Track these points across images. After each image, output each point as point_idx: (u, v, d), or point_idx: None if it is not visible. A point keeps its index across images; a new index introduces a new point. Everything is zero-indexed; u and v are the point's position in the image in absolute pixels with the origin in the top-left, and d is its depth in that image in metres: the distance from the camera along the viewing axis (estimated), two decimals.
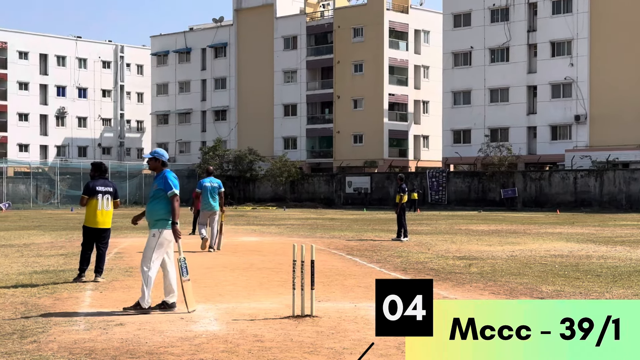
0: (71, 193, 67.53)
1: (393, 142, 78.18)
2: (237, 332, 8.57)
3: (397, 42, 77.91)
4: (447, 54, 71.47)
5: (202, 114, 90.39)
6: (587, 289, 12.24)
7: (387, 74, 76.58)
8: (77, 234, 26.18)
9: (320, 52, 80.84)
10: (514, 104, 67.76)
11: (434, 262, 16.47)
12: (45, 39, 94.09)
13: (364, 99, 77.40)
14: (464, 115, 70.03)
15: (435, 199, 63.17)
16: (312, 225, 33.04)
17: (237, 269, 15.12)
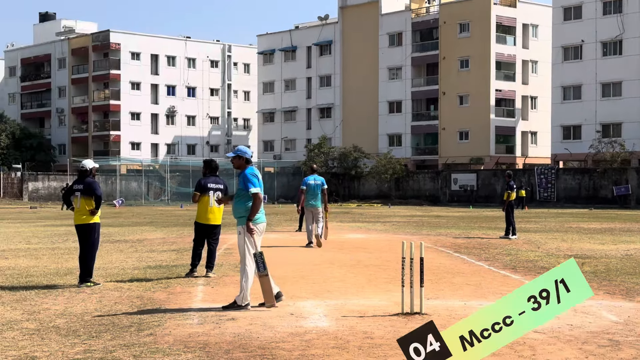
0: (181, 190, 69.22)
1: (500, 138, 76.90)
2: (347, 329, 8.60)
3: (505, 37, 76.58)
4: (556, 48, 69.78)
5: (307, 112, 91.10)
6: None
7: (494, 70, 75.38)
8: (188, 230, 26.82)
9: (425, 48, 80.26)
10: (627, 98, 65.55)
11: (544, 261, 16.13)
12: (156, 40, 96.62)
13: (469, 95, 76.43)
14: (574, 110, 68.23)
15: (543, 197, 61.86)
16: (418, 223, 32.86)
17: (344, 266, 15.17)
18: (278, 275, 13.61)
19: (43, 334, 8.36)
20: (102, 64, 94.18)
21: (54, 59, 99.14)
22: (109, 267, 14.88)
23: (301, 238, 23.28)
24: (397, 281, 11.57)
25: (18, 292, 11.60)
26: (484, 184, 66.12)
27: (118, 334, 8.30)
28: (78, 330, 8.55)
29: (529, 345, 7.78)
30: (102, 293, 11.41)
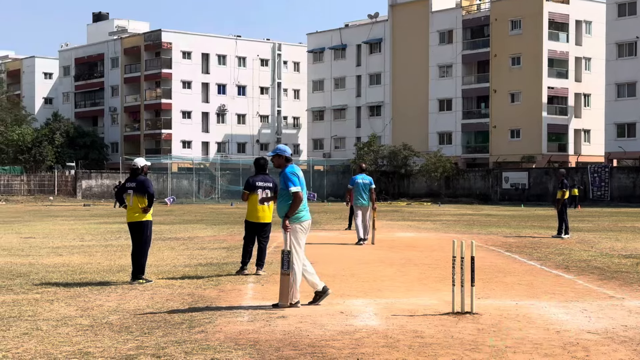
0: (231, 188, 69.69)
1: (552, 136, 75.94)
2: (397, 328, 8.57)
3: (557, 34, 75.60)
4: (610, 44, 68.67)
5: (356, 110, 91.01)
6: None
7: (546, 67, 74.47)
8: (238, 228, 26.98)
9: (476, 46, 79.62)
10: None
11: (597, 261, 15.89)
12: (207, 39, 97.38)
13: (521, 92, 75.61)
14: (628, 108, 67.08)
15: (597, 195, 60.93)
16: (468, 222, 32.61)
17: (394, 264, 15.13)
18: (328, 272, 13.63)
19: (96, 330, 8.48)
20: (153, 63, 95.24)
21: (107, 59, 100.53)
22: (161, 265, 15.04)
23: (351, 236, 23.28)
24: (447, 280, 11.49)
25: (72, 288, 11.79)
26: (536, 182, 65.35)
27: (170, 331, 8.38)
28: (130, 326, 8.66)
29: (582, 346, 7.67)
30: (154, 290, 11.54)
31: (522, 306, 10.08)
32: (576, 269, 14.38)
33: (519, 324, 8.81)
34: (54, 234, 24.47)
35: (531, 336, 8.13)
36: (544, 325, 8.76)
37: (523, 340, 7.95)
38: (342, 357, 7.19)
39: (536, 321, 9.01)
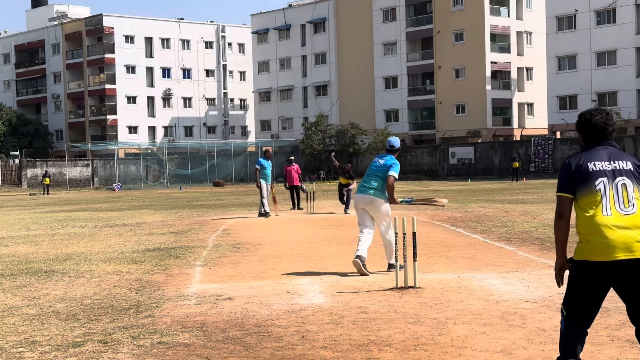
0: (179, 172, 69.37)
1: (496, 110, 76.94)
2: (342, 304, 8.74)
3: (498, 9, 76.42)
4: (550, 18, 69.68)
5: (303, 90, 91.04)
6: None
7: (488, 42, 75.30)
8: (187, 213, 26.98)
9: (419, 23, 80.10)
10: (622, 66, 65.58)
11: (539, 232, 16.28)
12: (150, 23, 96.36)
13: (465, 68, 76.37)
14: (569, 80, 68.25)
15: (541, 167, 61.99)
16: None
17: (341, 243, 15.30)
18: (275, 253, 13.79)
19: (43, 318, 8.50)
20: (96, 48, 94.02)
21: (47, 45, 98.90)
22: (108, 251, 15.02)
23: (298, 217, 23.50)
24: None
25: (18, 278, 11.74)
26: (482, 156, 66.23)
27: (117, 317, 8.44)
28: (77, 314, 8.69)
29: (520, 314, 7.93)
30: (101, 277, 11.55)
31: (464, 279, 10.34)
32: (518, 241, 14.72)
33: (460, 296, 9.05)
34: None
35: (472, 307, 8.37)
36: (484, 296, 9.02)
37: (464, 311, 8.18)
38: (288, 335, 7.34)
39: (477, 293, 9.26)
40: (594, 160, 5.13)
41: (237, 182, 68.79)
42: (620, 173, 5.09)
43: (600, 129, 5.23)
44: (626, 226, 4.96)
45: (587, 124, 5.27)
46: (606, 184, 5.05)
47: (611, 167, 5.10)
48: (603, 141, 5.23)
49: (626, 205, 5.02)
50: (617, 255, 4.93)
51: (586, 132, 5.29)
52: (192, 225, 20.80)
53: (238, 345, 7.03)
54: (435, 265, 11.75)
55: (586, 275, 5.07)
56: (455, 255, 12.84)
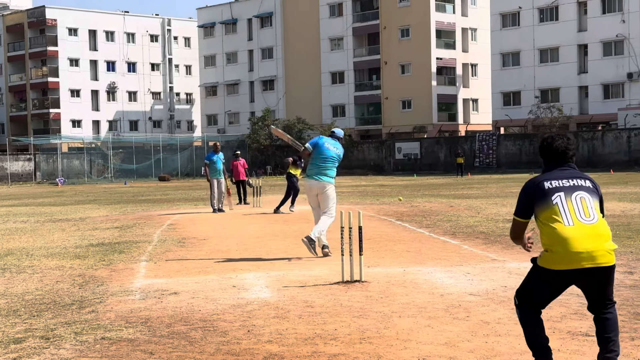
0: (124, 167, 68.60)
1: (442, 106, 77.64)
2: (288, 299, 8.74)
3: (444, 5, 77.07)
4: (494, 15, 70.53)
5: (250, 85, 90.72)
6: (638, 248, 12.17)
7: (434, 38, 75.90)
8: (131, 207, 26.70)
9: (366, 18, 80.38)
10: (565, 63, 66.71)
11: (483, 226, 16.47)
12: (94, 15, 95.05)
13: (411, 64, 76.88)
14: (513, 77, 69.19)
15: (485, 163, 62.75)
16: (363, 192, 33.14)
17: (288, 237, 15.30)
18: (221, 248, 13.72)
19: None
20: (38, 41, 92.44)
21: None
22: (51, 247, 14.79)
23: (245, 212, 23.45)
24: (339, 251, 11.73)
25: None
26: (427, 152, 66.78)
27: (59, 312, 8.32)
28: (19, 310, 8.55)
29: (464, 307, 8.01)
30: (43, 272, 11.37)
31: (409, 272, 10.41)
32: (462, 235, 14.87)
33: (405, 290, 9.12)
34: None
35: (417, 301, 8.43)
36: (429, 289, 9.09)
37: (409, 304, 8.24)
38: (234, 329, 7.31)
39: (422, 286, 9.34)
40: (551, 179, 5.36)
41: (183, 176, 68.30)
42: (578, 188, 5.31)
43: (560, 153, 5.47)
44: (589, 235, 5.13)
45: (548, 148, 5.52)
46: (563, 197, 5.26)
47: (569, 184, 5.32)
48: (563, 164, 5.47)
49: (587, 215, 5.20)
50: (582, 264, 5.13)
51: (547, 156, 5.53)
52: (137, 220, 20.60)
53: (183, 340, 6.98)
54: (381, 259, 11.81)
55: (548, 281, 5.31)
56: (400, 250, 12.93)
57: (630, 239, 13.40)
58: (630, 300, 8.18)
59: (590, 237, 5.13)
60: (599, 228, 5.17)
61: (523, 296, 5.44)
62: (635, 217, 17.54)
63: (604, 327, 5.33)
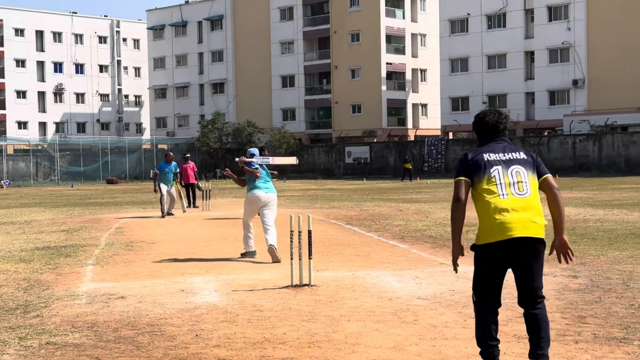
0: (71, 169, 67.66)
1: (392, 111, 78.12)
2: (237, 303, 8.70)
3: (394, 11, 77.59)
4: (443, 21, 71.22)
5: (200, 87, 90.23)
6: (582, 252, 12.37)
7: (384, 43, 76.35)
8: (78, 210, 26.36)
9: (316, 23, 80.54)
10: (512, 70, 67.64)
11: (432, 230, 16.60)
12: (41, 15, 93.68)
13: (361, 68, 77.23)
14: (461, 82, 69.93)
15: (434, 167, 63.26)
16: (312, 196, 33.17)
17: (237, 241, 15.22)
18: (170, 252, 13.62)
19: None
20: None
21: None
22: None
23: (194, 215, 23.32)
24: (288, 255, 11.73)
25: None
26: (377, 156, 67.10)
27: (3, 317, 8.17)
28: None
29: (412, 311, 8.06)
30: None
31: (358, 276, 10.44)
32: (411, 239, 14.97)
33: (354, 294, 9.14)
34: None
35: (365, 304, 8.46)
36: (377, 293, 9.13)
37: (357, 308, 8.26)
38: (182, 334, 7.26)
39: (371, 290, 9.37)
40: (488, 152, 5.55)
41: (132, 179, 67.62)
42: (514, 162, 5.52)
43: (492, 127, 5.70)
44: (522, 207, 5.38)
45: (480, 123, 5.77)
46: (500, 171, 5.47)
47: (505, 158, 5.53)
48: (496, 137, 5.67)
49: (521, 189, 5.43)
50: (513, 233, 5.33)
51: (480, 130, 5.77)
52: (84, 224, 20.34)
53: (130, 344, 6.90)
54: (330, 263, 11.83)
55: (487, 257, 5.49)
56: (350, 253, 12.96)
57: (575, 243, 13.62)
58: (574, 303, 8.31)
59: (521, 210, 5.35)
60: (530, 201, 5.40)
61: (476, 288, 5.62)
62: (579, 221, 17.84)
63: (534, 323, 5.50)
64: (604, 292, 8.91)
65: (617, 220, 17.96)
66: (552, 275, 10.15)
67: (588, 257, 11.75)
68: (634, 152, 54.26)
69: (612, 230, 15.57)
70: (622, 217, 18.61)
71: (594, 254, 12.18)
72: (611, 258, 11.62)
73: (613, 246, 13.06)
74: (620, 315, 7.63)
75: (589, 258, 11.68)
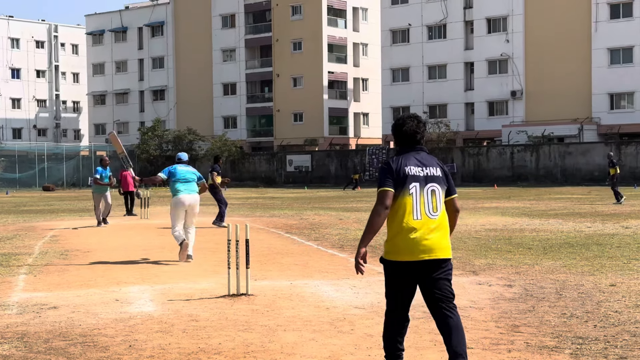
0: (6, 176, 66.36)
1: (333, 120, 78.42)
2: (172, 313, 8.61)
3: (336, 20, 77.98)
4: (385, 31, 71.82)
5: (140, 94, 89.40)
6: (517, 261, 12.56)
7: (326, 52, 76.67)
8: (13, 218, 25.84)
9: (259, 31, 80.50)
10: (452, 80, 68.51)
11: None
12: None
13: (303, 77, 77.40)
14: (402, 92, 70.55)
15: (375, 176, 63.61)
16: (253, 205, 33.09)
17: (175, 250, 15.08)
18: (106, 261, 13.42)
19: None
20: None
21: None
22: None
23: (132, 223, 23.08)
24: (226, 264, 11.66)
25: None
26: (319, 165, 67.25)
27: None
28: None
29: (349, 320, 8.08)
30: None
31: (296, 286, 10.43)
32: (350, 248, 15.01)
33: (291, 303, 9.12)
34: None
35: (302, 314, 8.45)
36: (315, 303, 9.13)
37: (294, 318, 8.25)
38: (115, 344, 7.15)
39: (308, 299, 9.37)
40: (410, 165, 5.63)
41: (69, 187, 66.58)
42: (431, 179, 5.63)
43: (410, 135, 5.78)
44: (433, 229, 5.54)
45: (399, 130, 5.85)
46: (418, 189, 5.58)
47: (423, 173, 5.63)
48: (415, 146, 5.76)
49: (434, 210, 5.59)
50: (423, 256, 5.51)
51: (399, 137, 5.85)
52: (17, 232, 19.94)
53: (61, 356, 6.77)
54: (268, 272, 11.80)
55: (396, 273, 5.65)
56: (288, 262, 12.94)
57: (510, 252, 13.82)
58: (509, 312, 8.42)
59: (432, 231, 5.52)
60: (441, 221, 5.58)
61: (387, 297, 5.76)
62: (516, 231, 18.12)
63: (447, 330, 5.58)
64: (537, 301, 9.05)
65: (552, 230, 18.29)
66: (487, 284, 10.28)
67: (523, 267, 11.93)
68: (570, 162, 55.39)
69: (547, 240, 15.84)
70: (557, 227, 18.96)
71: (529, 263, 12.37)
72: (545, 267, 11.82)
73: (547, 255, 13.28)
74: (553, 324, 7.75)
75: (524, 267, 11.86)
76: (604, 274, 11.01)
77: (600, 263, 12.22)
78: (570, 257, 13.05)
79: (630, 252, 13.54)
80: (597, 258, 12.84)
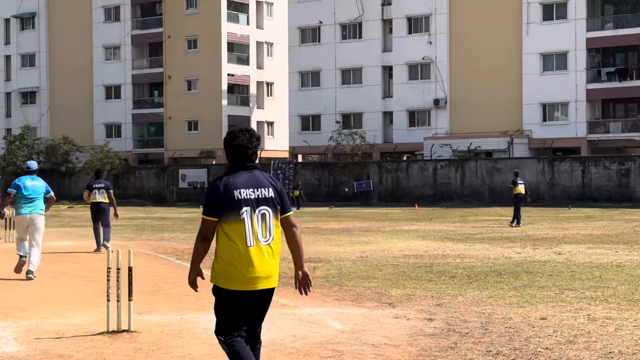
0: None
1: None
2: (40, 353, 8.43)
3: (237, 15, 77.98)
4: (293, 29, 72.13)
5: (6, 96, 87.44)
6: (439, 291, 12.74)
7: (225, 51, 76.53)
8: None
9: (147, 25, 79.82)
10: (368, 86, 69.14)
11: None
12: None
13: (199, 79, 77.02)
14: (313, 98, 70.82)
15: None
16: (139, 226, 32.72)
17: (45, 279, 14.79)
18: None
19: None
20: None
21: None
22: None
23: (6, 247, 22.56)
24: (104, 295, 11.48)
25: None
26: None
27: None
28: None
29: None
30: None
31: (187, 320, 10.35)
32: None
33: (181, 341, 9.05)
34: None
35: (194, 353, 8.39)
36: (208, 340, 9.06)
37: (184, 358, 8.18)
38: None
39: (201, 336, 9.30)
40: (240, 188, 6.07)
41: None
42: (262, 202, 6.13)
43: (240, 150, 6.21)
44: (265, 256, 6.08)
45: (229, 145, 6.28)
46: (249, 213, 6.07)
47: (255, 196, 6.07)
48: (247, 164, 6.18)
49: (265, 235, 6.10)
50: (255, 286, 6.05)
51: (229, 153, 6.28)
52: None
53: None
54: (155, 305, 11.68)
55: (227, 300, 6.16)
56: (179, 294, 12.83)
57: (431, 281, 14.02)
58: (428, 350, 8.53)
59: (264, 259, 6.07)
60: (273, 247, 6.14)
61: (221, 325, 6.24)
62: (438, 257, 18.39)
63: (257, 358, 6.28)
64: (460, 336, 9.20)
65: (478, 255, 18.64)
66: (405, 318, 10.40)
67: (445, 298, 12.12)
68: (499, 180, 56.32)
69: (473, 267, 16.14)
70: (484, 253, 19.34)
71: (451, 293, 12.57)
72: (470, 298, 12.02)
73: (472, 285, 13.52)
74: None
75: (446, 299, 12.04)
76: (534, 306, 11.27)
77: (530, 294, 12.51)
78: (497, 286, 13.32)
79: (562, 282, 13.91)
80: (526, 288, 13.15)
